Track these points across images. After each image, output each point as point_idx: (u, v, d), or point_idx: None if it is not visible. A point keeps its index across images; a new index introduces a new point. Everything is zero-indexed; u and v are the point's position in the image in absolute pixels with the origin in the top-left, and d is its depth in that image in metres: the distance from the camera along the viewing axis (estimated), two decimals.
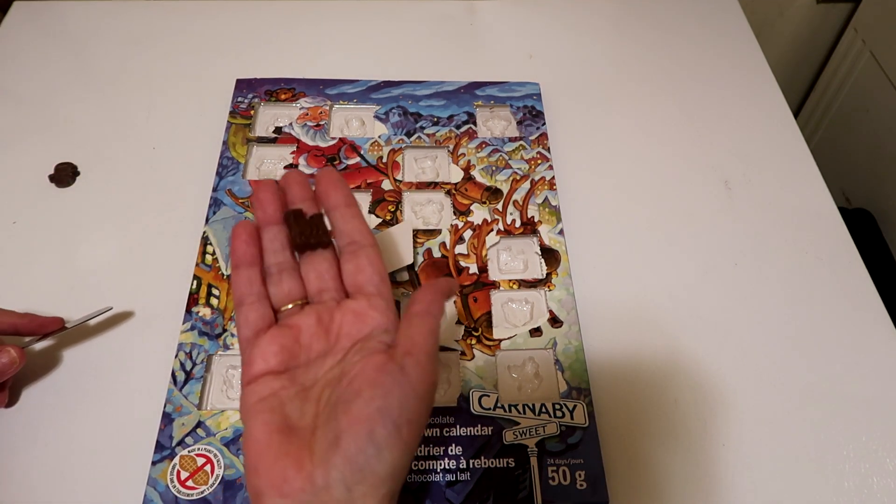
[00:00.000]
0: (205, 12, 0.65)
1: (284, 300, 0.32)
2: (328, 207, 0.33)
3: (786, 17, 0.95)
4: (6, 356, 0.38)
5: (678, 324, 0.47)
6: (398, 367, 0.28)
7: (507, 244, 0.49)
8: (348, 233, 0.33)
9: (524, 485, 0.38)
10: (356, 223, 0.33)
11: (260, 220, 0.33)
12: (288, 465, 0.26)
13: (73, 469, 0.39)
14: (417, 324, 0.29)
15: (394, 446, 0.26)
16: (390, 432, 0.26)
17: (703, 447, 0.42)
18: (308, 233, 0.32)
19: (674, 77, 0.63)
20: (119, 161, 0.54)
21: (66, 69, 0.60)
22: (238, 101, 0.56)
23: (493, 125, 0.56)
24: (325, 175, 0.34)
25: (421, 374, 0.28)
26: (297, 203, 0.34)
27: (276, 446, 0.27)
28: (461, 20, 0.67)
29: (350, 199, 0.33)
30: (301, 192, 0.34)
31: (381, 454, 0.26)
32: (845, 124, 0.97)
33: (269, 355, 0.30)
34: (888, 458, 0.42)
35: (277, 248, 0.33)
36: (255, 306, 0.31)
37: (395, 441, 0.26)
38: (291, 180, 0.34)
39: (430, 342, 0.29)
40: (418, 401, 0.27)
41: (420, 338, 0.29)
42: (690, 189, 0.54)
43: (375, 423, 0.26)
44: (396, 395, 0.27)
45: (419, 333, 0.29)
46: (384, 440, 0.26)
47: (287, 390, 0.29)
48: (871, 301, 0.49)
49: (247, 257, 0.32)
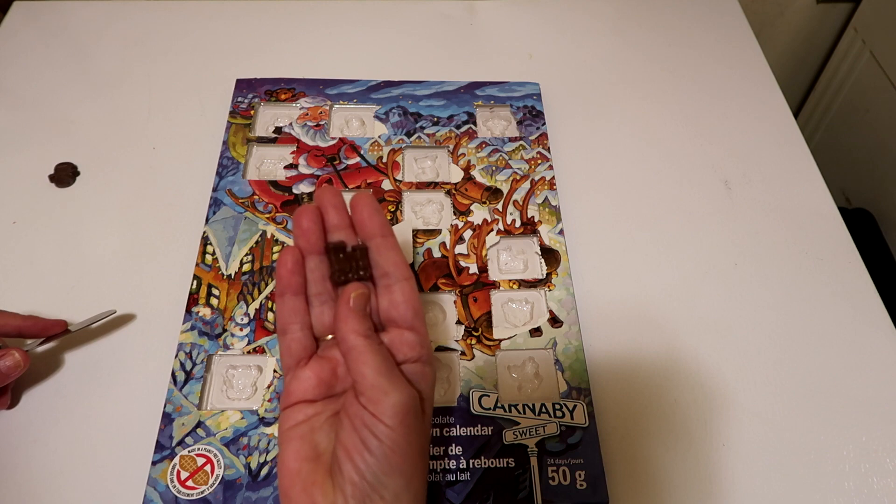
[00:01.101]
0: (205, 12, 0.65)
1: (325, 331, 0.33)
2: (363, 237, 0.33)
3: (786, 17, 0.95)
4: (10, 359, 0.38)
5: (678, 324, 0.47)
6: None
7: (507, 244, 0.49)
8: (383, 265, 0.32)
9: (524, 485, 0.38)
10: (392, 255, 0.32)
11: (303, 248, 0.33)
12: (316, 493, 0.28)
13: (73, 469, 0.39)
14: (350, 360, 0.30)
15: (390, 473, 0.28)
16: (380, 461, 0.28)
17: (703, 447, 0.42)
18: (347, 268, 0.32)
19: (674, 77, 0.63)
20: (119, 161, 0.54)
21: (67, 69, 0.60)
22: (238, 101, 0.56)
23: (493, 125, 0.56)
24: (361, 201, 0.33)
25: (377, 407, 0.28)
26: (336, 230, 0.33)
27: (304, 475, 0.29)
28: (461, 20, 0.67)
29: (386, 228, 0.33)
30: (339, 219, 0.33)
31: (381, 481, 0.28)
32: (845, 124, 0.97)
33: (307, 387, 0.31)
34: (888, 458, 0.42)
35: (318, 279, 0.33)
36: (297, 336, 0.32)
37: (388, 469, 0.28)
38: (328, 203, 0.33)
39: (367, 374, 0.29)
40: (391, 431, 0.28)
41: (357, 374, 0.29)
42: (690, 189, 0.54)
43: (361, 452, 0.28)
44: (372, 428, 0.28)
45: (354, 370, 0.29)
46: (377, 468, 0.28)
47: (319, 417, 0.31)
48: (871, 301, 0.49)
49: (292, 286, 0.32)
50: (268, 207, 0.50)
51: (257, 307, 0.45)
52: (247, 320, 0.44)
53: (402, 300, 0.32)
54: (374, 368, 0.29)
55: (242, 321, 0.44)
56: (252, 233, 0.48)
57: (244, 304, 0.45)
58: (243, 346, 0.43)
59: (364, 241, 0.33)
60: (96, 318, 0.42)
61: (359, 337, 0.30)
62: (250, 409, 0.41)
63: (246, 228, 0.48)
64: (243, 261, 0.47)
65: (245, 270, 0.46)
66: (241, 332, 0.44)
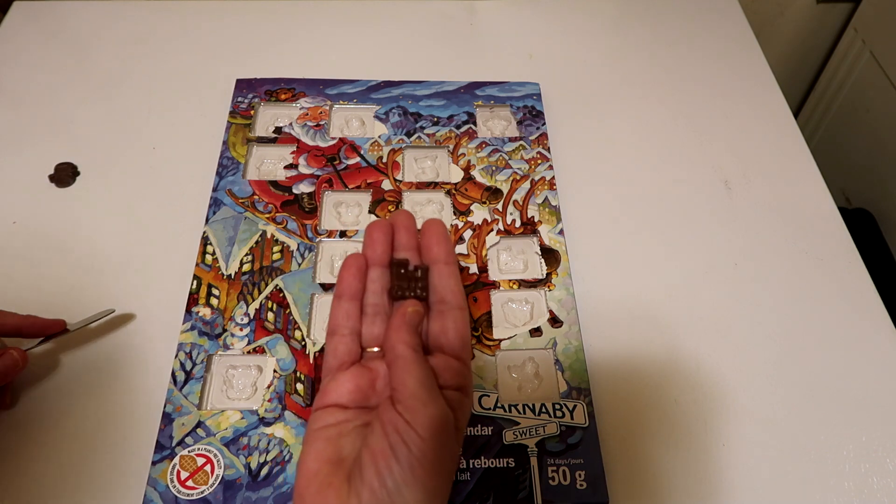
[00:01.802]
0: (205, 12, 0.65)
1: (373, 343, 0.33)
2: (428, 260, 0.34)
3: (786, 17, 0.95)
4: (9, 359, 0.38)
5: (678, 324, 0.47)
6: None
7: (507, 244, 0.49)
8: (440, 291, 0.33)
9: (524, 485, 0.38)
10: (451, 283, 0.33)
11: (369, 258, 0.34)
12: (330, 495, 0.27)
13: (73, 469, 0.39)
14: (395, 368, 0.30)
15: (411, 485, 0.27)
16: (405, 470, 0.27)
17: (704, 447, 0.42)
18: (407, 286, 0.33)
19: (674, 77, 0.63)
20: (119, 161, 0.54)
21: (66, 69, 0.60)
22: (238, 101, 0.56)
23: (493, 125, 0.56)
24: (432, 227, 0.34)
25: (413, 416, 0.28)
26: (404, 249, 0.34)
27: (322, 476, 0.28)
28: (461, 20, 0.67)
29: (451, 256, 0.34)
30: (408, 240, 0.34)
31: (400, 491, 0.27)
32: (845, 124, 0.97)
33: (344, 391, 0.31)
34: (888, 458, 0.42)
35: (377, 290, 0.34)
36: (345, 340, 0.32)
37: (410, 480, 0.27)
38: (401, 224, 0.35)
39: (409, 383, 0.29)
40: (421, 441, 0.27)
41: (398, 383, 0.29)
42: (690, 189, 0.54)
43: (388, 458, 0.27)
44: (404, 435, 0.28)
45: (397, 378, 0.29)
46: (400, 477, 0.27)
47: (348, 424, 0.30)
48: (871, 301, 0.49)
49: (351, 290, 0.33)
50: (268, 207, 0.50)
51: (257, 307, 0.45)
52: (247, 320, 0.44)
53: (454, 328, 0.32)
54: (418, 379, 0.29)
55: (242, 321, 0.44)
56: (252, 233, 0.48)
57: (244, 304, 0.45)
58: (243, 346, 0.43)
59: (428, 264, 0.34)
60: (95, 317, 0.42)
61: (408, 348, 0.30)
62: (250, 409, 0.41)
63: (246, 228, 0.48)
64: (243, 261, 0.47)
65: (245, 270, 0.46)
66: (241, 332, 0.44)
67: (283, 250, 0.47)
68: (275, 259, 0.47)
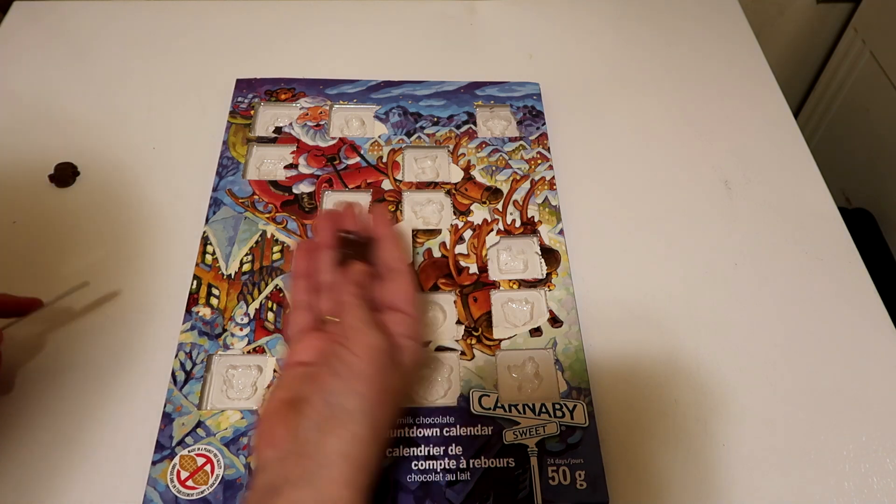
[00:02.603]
0: (205, 12, 0.65)
1: (328, 313, 0.38)
2: (374, 237, 0.40)
3: (786, 17, 0.95)
4: None
5: (678, 324, 0.47)
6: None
7: (507, 244, 0.49)
8: (387, 260, 0.39)
9: (524, 485, 0.38)
10: (395, 253, 0.39)
11: (319, 241, 0.40)
12: (279, 424, 0.32)
13: (73, 469, 0.39)
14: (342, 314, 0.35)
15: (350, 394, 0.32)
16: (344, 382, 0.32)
17: (703, 447, 0.42)
18: (352, 253, 0.39)
19: (674, 77, 0.63)
20: (119, 161, 0.54)
21: (66, 69, 0.60)
22: (238, 101, 0.56)
23: (493, 125, 0.56)
24: (375, 211, 0.44)
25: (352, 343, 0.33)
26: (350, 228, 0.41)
27: (278, 412, 0.33)
28: (461, 20, 0.67)
29: (393, 232, 0.41)
30: (354, 225, 0.41)
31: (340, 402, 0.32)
32: (845, 124, 0.97)
33: (308, 351, 0.35)
34: (888, 458, 0.42)
35: (328, 269, 0.39)
36: (304, 312, 0.38)
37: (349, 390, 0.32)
38: (347, 211, 0.42)
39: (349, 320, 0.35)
40: (358, 359, 0.33)
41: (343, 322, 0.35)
42: (690, 189, 0.54)
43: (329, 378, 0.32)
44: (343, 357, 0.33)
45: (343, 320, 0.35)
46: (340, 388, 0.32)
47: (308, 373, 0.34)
48: (871, 301, 0.49)
49: (304, 270, 0.39)
50: (268, 207, 0.50)
51: (257, 307, 0.45)
52: (247, 320, 0.44)
53: (400, 289, 0.38)
54: (357, 317, 0.35)
55: (242, 321, 0.44)
56: (252, 233, 0.48)
57: (244, 303, 0.45)
58: (243, 345, 0.43)
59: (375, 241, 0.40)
60: (69, 290, 0.43)
61: (351, 296, 0.36)
62: (250, 409, 0.41)
63: (246, 228, 0.48)
64: (243, 261, 0.47)
65: (245, 270, 0.46)
66: (241, 332, 0.44)
67: (283, 250, 0.47)
68: (275, 259, 0.47)
